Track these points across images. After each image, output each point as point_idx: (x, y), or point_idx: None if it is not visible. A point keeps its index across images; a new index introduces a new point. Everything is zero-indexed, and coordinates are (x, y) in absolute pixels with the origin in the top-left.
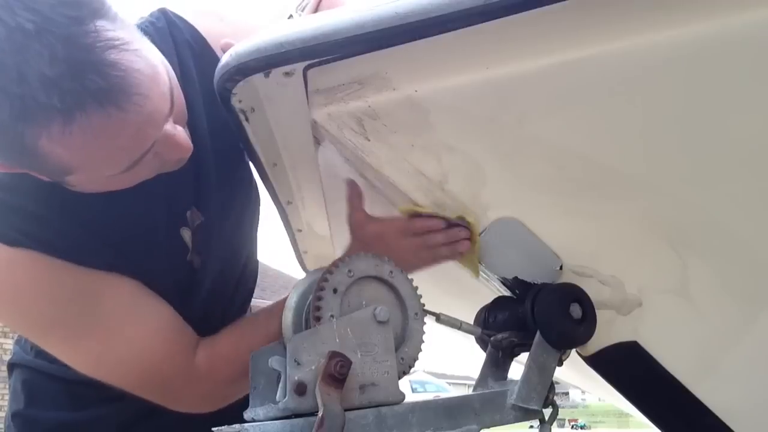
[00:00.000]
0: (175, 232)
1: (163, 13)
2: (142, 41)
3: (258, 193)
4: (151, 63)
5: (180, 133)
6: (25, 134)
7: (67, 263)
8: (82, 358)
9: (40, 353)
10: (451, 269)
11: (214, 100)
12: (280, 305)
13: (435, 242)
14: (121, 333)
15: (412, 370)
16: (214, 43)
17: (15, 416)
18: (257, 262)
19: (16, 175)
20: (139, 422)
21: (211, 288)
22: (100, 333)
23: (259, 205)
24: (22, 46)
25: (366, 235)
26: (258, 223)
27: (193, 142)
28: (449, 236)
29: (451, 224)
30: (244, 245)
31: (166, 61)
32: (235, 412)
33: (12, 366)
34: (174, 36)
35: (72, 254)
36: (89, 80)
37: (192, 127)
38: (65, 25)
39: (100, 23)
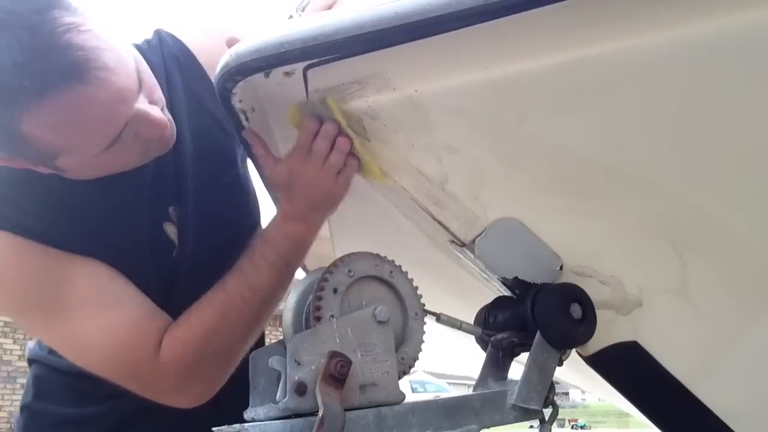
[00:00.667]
0: (158, 225)
1: (157, 33)
2: (104, 28)
3: (255, 199)
4: (111, 44)
5: (154, 110)
6: (6, 119)
7: (45, 246)
8: (63, 343)
9: (53, 350)
10: (451, 269)
11: (197, 107)
12: (235, 275)
13: (334, 160)
14: (95, 319)
15: (412, 370)
16: (200, 55)
17: (23, 409)
18: None
19: (11, 172)
20: (140, 419)
21: (196, 284)
22: (74, 318)
23: (257, 210)
24: None
25: (279, 177)
26: (258, 227)
27: (175, 143)
28: (339, 148)
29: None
30: (234, 246)
31: (133, 49)
32: (235, 410)
33: (30, 361)
34: (163, 51)
35: (50, 238)
36: (52, 60)
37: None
38: (27, 17)
39: (57, 12)
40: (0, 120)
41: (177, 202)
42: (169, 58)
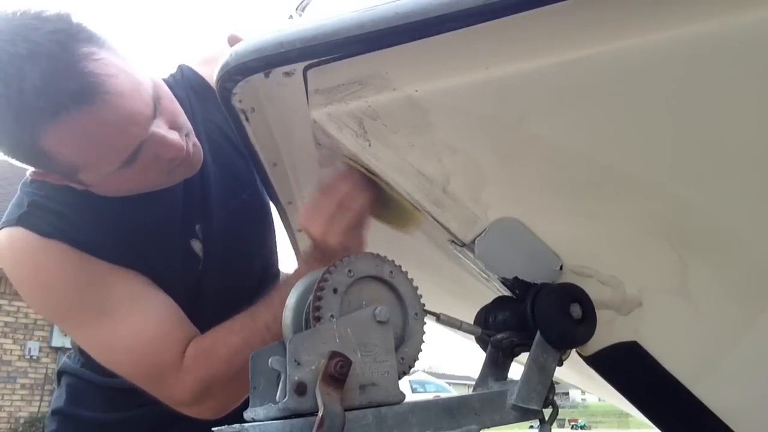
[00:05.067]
0: (186, 242)
1: (180, 68)
2: (122, 58)
3: (271, 217)
4: (126, 72)
5: (171, 134)
6: (27, 135)
7: (89, 256)
8: (95, 344)
9: (85, 364)
10: (451, 269)
11: (216, 133)
12: (264, 304)
13: (346, 203)
14: (126, 321)
15: (412, 370)
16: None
17: (55, 412)
18: (279, 272)
19: (58, 188)
20: (170, 425)
21: (219, 296)
22: (109, 320)
23: (273, 226)
24: (21, 67)
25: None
26: (273, 241)
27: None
28: (351, 186)
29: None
30: (254, 261)
31: (156, 78)
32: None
33: (60, 374)
34: (185, 83)
35: (92, 248)
36: (66, 84)
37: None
38: (49, 47)
39: (77, 44)
40: (23, 137)
41: (203, 220)
42: (190, 90)
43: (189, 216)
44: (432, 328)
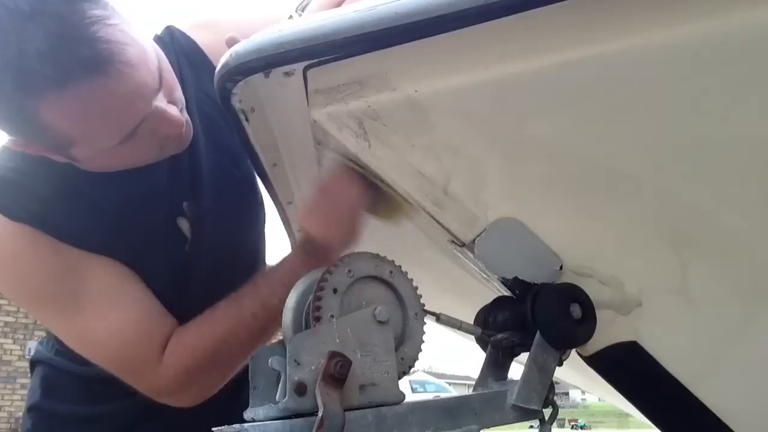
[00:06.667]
0: (172, 220)
1: (169, 30)
2: (130, 24)
3: (261, 196)
4: (136, 41)
5: (172, 109)
6: (25, 103)
7: (64, 244)
8: (71, 334)
9: (59, 352)
10: (451, 269)
11: (208, 105)
12: (250, 292)
13: (340, 200)
14: (104, 316)
15: (412, 370)
16: (210, 52)
17: (31, 409)
18: (265, 259)
19: (32, 161)
20: (152, 416)
21: (208, 278)
22: (85, 314)
23: (263, 207)
24: (21, 26)
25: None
26: (263, 224)
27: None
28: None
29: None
30: (245, 242)
31: (157, 48)
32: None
33: (33, 363)
34: (175, 48)
35: (68, 234)
36: (77, 51)
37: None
38: (55, 6)
39: (86, 4)
40: (20, 105)
41: (192, 198)
42: (181, 56)
43: (176, 193)
44: (432, 328)
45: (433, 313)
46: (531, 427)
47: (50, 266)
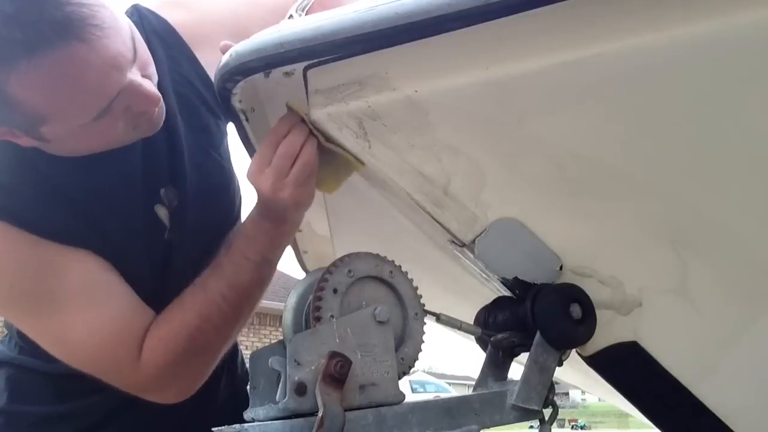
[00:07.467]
0: (149, 208)
1: (136, 8)
2: None
3: (238, 181)
4: (107, 7)
5: (146, 83)
6: None
7: (37, 238)
8: (48, 337)
9: (23, 350)
10: (451, 269)
11: (183, 86)
12: (213, 273)
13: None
14: (81, 315)
15: (412, 370)
16: (182, 31)
17: None
18: None
19: None
20: (124, 412)
21: (188, 268)
22: (62, 313)
23: (240, 192)
24: None
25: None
26: (239, 209)
27: (166, 123)
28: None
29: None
30: (226, 228)
31: (128, 19)
32: (215, 403)
33: None
34: (145, 27)
35: (42, 228)
36: (47, 12)
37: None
38: None
39: None
40: None
41: (171, 183)
42: (152, 35)
43: (152, 179)
44: (432, 328)
45: (433, 313)
46: (531, 427)
47: (23, 263)
